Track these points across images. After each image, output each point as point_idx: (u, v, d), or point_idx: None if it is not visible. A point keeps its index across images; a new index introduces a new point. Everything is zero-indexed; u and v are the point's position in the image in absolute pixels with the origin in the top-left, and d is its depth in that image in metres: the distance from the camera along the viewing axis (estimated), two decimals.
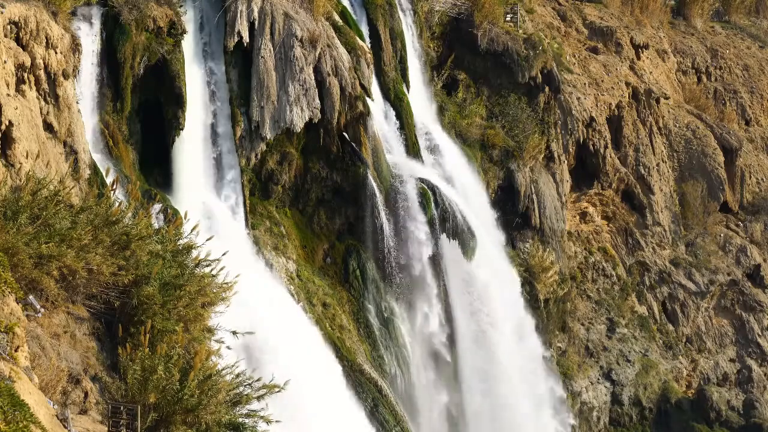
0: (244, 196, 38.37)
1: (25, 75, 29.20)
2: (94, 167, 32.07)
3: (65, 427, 17.24)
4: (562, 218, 50.84)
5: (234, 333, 23.38)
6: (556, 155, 50.93)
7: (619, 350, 53.10)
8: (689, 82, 65.23)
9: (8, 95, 27.64)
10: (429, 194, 42.19)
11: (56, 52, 30.38)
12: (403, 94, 44.49)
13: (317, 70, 39.39)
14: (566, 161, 52.47)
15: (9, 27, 28.75)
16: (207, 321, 22.73)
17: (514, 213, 48.63)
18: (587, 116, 53.49)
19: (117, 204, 22.92)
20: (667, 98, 60.52)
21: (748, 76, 67.92)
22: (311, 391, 32.23)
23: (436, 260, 42.41)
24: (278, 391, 21.17)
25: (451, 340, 43.50)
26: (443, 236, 42.49)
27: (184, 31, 36.70)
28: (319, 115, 39.28)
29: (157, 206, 32.63)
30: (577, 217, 54.83)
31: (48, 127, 30.23)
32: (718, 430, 53.65)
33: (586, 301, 53.74)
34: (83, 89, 33.60)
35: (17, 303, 18.18)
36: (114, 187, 24.72)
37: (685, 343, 56.17)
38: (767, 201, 62.31)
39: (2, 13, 28.26)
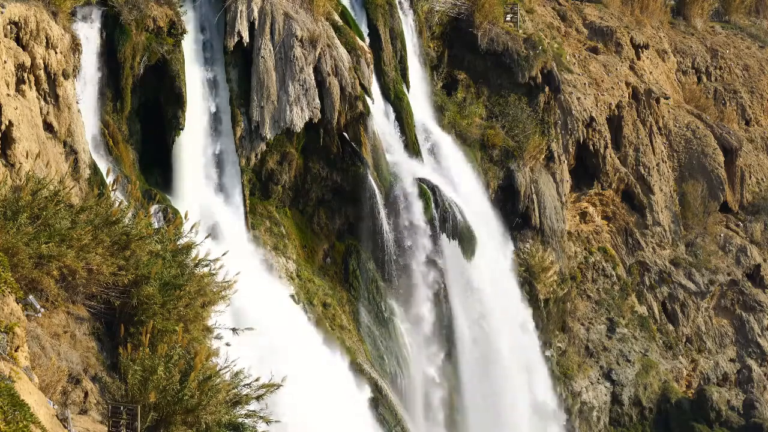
0: (244, 196, 38.38)
1: (25, 75, 29.20)
2: (94, 167, 32.08)
3: (65, 427, 17.25)
4: (562, 218, 50.84)
5: (234, 330, 23.44)
6: (556, 155, 50.93)
7: (619, 350, 53.10)
8: (689, 82, 65.21)
9: (8, 95, 27.64)
10: (429, 194, 42.20)
11: (56, 52, 30.39)
12: (403, 94, 44.49)
13: (317, 70, 39.40)
14: (566, 161, 52.47)
15: (9, 27, 28.75)
16: (207, 320, 22.75)
17: (514, 213, 48.61)
18: (587, 116, 53.48)
19: (117, 204, 22.93)
20: (667, 98, 60.50)
21: (748, 76, 67.90)
22: (312, 390, 32.25)
23: (436, 260, 42.41)
24: (277, 389, 21.19)
25: (451, 340, 43.51)
26: (443, 236, 42.49)
27: (184, 31, 36.71)
28: (319, 115, 39.29)
29: (157, 206, 32.65)
30: (577, 217, 54.84)
31: (48, 127, 30.24)
32: (718, 430, 53.63)
33: (586, 301, 53.74)
34: (83, 89, 33.60)
35: (17, 303, 18.19)
36: (114, 187, 24.74)
37: (685, 343, 56.17)
38: (767, 201, 62.29)
39: (2, 13, 28.27)
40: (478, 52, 49.90)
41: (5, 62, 27.89)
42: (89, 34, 34.21)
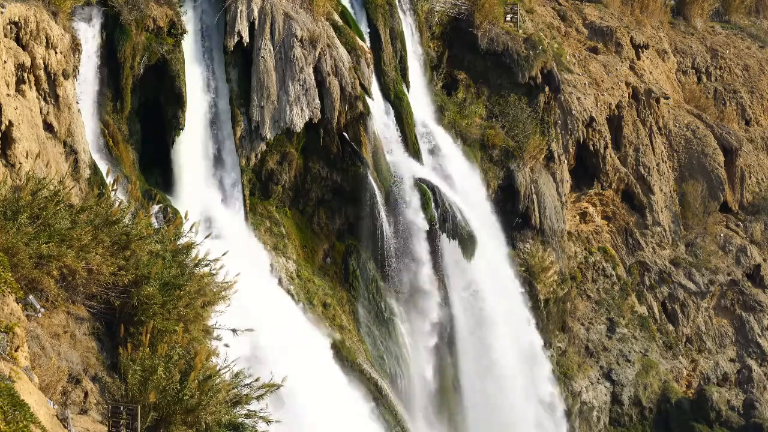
0: (244, 196, 38.39)
1: (25, 75, 29.20)
2: (94, 167, 32.08)
3: (65, 427, 17.25)
4: (562, 218, 50.85)
5: (234, 331, 23.41)
6: (556, 155, 50.94)
7: (619, 350, 53.11)
8: (689, 82, 65.22)
9: (8, 95, 27.64)
10: (429, 194, 42.20)
11: (56, 52, 30.39)
12: (403, 94, 44.50)
13: (317, 70, 39.41)
14: (566, 161, 52.48)
15: (9, 27, 28.75)
16: (207, 321, 22.74)
17: (514, 213, 48.63)
18: (587, 116, 53.49)
19: (117, 204, 22.92)
20: (667, 98, 60.51)
21: (748, 76, 67.91)
22: (312, 391, 32.24)
23: (435, 260, 42.40)
24: (277, 389, 21.18)
25: (451, 340, 43.49)
26: (443, 236, 42.49)
27: (184, 31, 36.71)
28: (319, 115, 39.29)
29: (157, 206, 32.64)
30: (577, 217, 54.84)
31: (48, 127, 30.24)
32: (718, 430, 53.64)
33: (586, 301, 53.75)
34: (83, 89, 33.60)
35: (17, 303, 18.18)
36: (114, 187, 24.73)
37: (685, 343, 56.18)
38: (767, 201, 62.30)
39: (2, 13, 28.27)
40: (478, 52, 49.91)
41: (5, 62, 27.89)
42: (89, 34, 34.21)
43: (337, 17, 41.96)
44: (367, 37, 43.70)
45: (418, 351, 42.20)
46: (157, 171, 36.67)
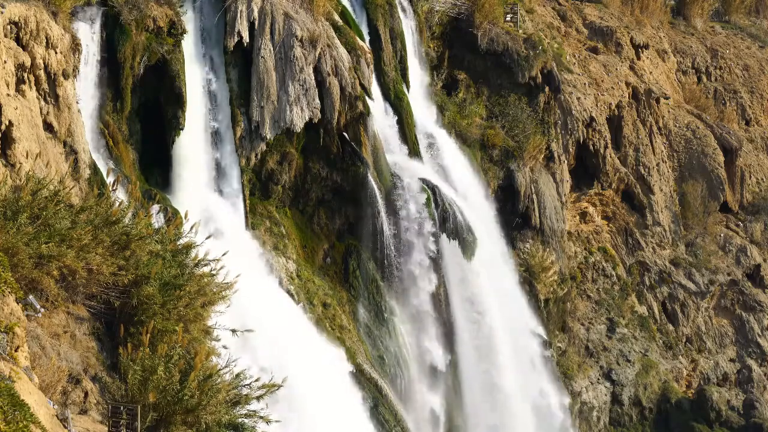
0: (244, 196, 38.39)
1: (25, 75, 29.20)
2: (94, 167, 32.08)
3: (65, 427, 17.25)
4: (562, 218, 50.84)
5: (233, 332, 23.40)
6: (556, 155, 50.95)
7: (619, 350, 53.11)
8: (689, 82, 65.23)
9: (8, 95, 27.64)
10: (429, 194, 42.21)
11: (56, 52, 30.39)
12: (403, 94, 44.50)
13: (317, 70, 39.41)
14: (566, 161, 52.48)
15: (9, 27, 28.75)
16: (207, 321, 22.74)
17: (514, 213, 48.63)
18: (587, 116, 53.49)
19: (117, 204, 22.93)
20: (667, 98, 60.50)
21: (748, 76, 67.91)
22: (313, 390, 32.25)
23: (435, 260, 42.39)
24: (277, 389, 21.18)
25: (451, 340, 43.47)
26: (443, 236, 42.49)
27: (184, 31, 36.71)
28: (319, 115, 39.30)
29: (157, 206, 32.65)
30: (577, 217, 54.83)
31: (48, 127, 30.24)
32: (718, 430, 53.64)
33: (586, 301, 53.75)
34: (83, 89, 33.60)
35: (17, 303, 18.18)
36: (114, 187, 24.74)
37: (685, 343, 56.18)
38: (767, 201, 62.31)
39: (2, 13, 28.27)
40: (478, 52, 49.92)
41: (5, 62, 27.90)
42: (89, 34, 34.20)
43: (337, 17, 41.97)
44: (367, 37, 43.70)
45: (418, 351, 42.20)
46: (157, 171, 36.66)
